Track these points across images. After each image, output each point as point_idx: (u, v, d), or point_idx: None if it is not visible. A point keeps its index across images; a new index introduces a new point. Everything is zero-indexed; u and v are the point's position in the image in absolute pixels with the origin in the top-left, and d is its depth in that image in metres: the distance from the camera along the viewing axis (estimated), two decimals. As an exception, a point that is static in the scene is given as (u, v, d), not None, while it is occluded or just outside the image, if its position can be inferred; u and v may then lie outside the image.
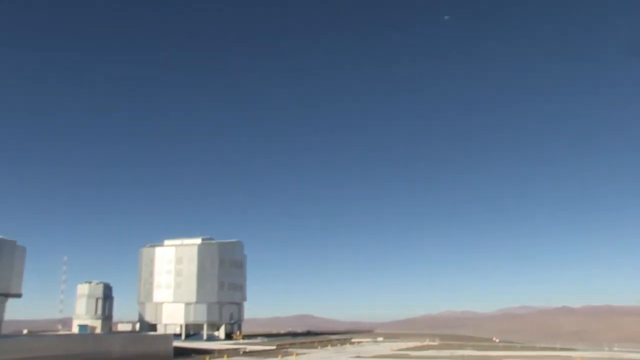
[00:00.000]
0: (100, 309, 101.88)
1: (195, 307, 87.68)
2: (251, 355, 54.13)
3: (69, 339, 52.29)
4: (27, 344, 44.36)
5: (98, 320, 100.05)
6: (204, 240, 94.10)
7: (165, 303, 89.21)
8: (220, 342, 78.42)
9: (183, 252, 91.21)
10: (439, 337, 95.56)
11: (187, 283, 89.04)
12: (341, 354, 56.46)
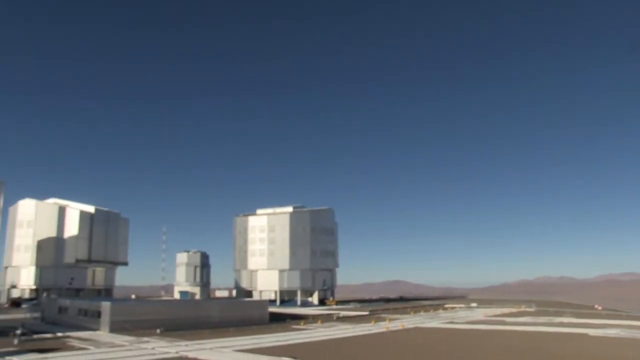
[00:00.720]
0: (199, 276, 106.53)
1: (289, 274, 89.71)
2: (344, 320, 54.96)
3: (172, 304, 55.21)
4: (137, 308, 47.29)
5: (197, 286, 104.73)
6: (295, 208, 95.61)
7: (260, 270, 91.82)
8: (314, 308, 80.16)
9: (275, 220, 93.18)
10: (535, 303, 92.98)
11: (280, 251, 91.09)
12: (434, 320, 56.33)
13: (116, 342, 33.45)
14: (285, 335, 38.09)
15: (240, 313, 50.00)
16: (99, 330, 40.18)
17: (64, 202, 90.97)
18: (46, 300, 54.39)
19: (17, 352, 28.39)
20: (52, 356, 26.00)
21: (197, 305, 55.80)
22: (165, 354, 27.50)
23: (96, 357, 26.76)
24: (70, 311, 46.52)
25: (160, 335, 37.33)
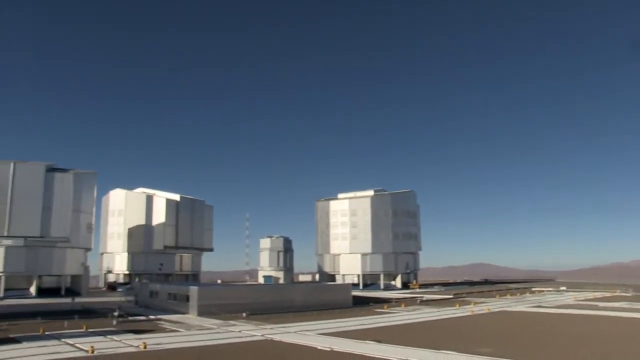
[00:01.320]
0: (282, 260, 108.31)
1: (371, 258, 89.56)
2: (428, 304, 54.38)
3: (257, 289, 56.37)
4: (223, 292, 48.65)
5: (280, 271, 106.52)
6: (377, 191, 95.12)
7: (342, 254, 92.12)
8: (397, 291, 79.80)
9: (357, 204, 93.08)
10: (632, 287, 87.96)
11: (362, 234, 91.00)
12: (521, 303, 54.73)
13: (204, 325, 34.52)
14: (368, 319, 38.07)
15: (324, 297, 50.43)
16: (188, 313, 41.58)
17: (151, 191, 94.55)
18: (138, 285, 56.84)
19: (116, 331, 29.95)
20: (147, 337, 27.12)
21: (281, 289, 56.74)
22: (252, 337, 28.10)
23: (187, 339, 27.70)
24: (161, 295, 48.39)
25: (246, 318, 38.21)
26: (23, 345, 24.57)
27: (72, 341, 25.38)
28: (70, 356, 21.47)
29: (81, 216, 67.38)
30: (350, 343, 24.66)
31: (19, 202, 61.51)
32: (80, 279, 67.71)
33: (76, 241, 65.96)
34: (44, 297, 58.80)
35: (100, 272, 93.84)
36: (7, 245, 61.27)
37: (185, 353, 22.27)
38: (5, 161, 63.40)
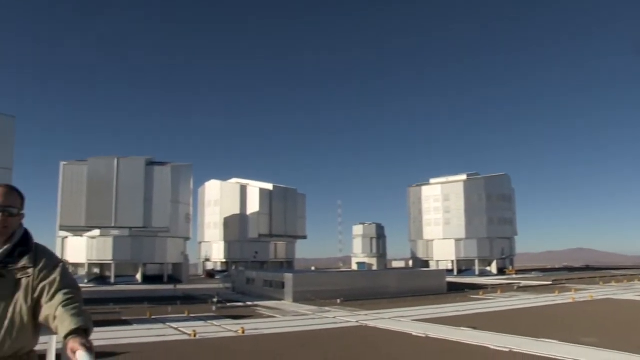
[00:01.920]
0: (375, 247, 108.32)
1: (465, 243, 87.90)
2: (526, 290, 52.61)
3: (351, 275, 56.77)
4: (318, 279, 49.28)
5: (374, 257, 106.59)
6: (469, 176, 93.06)
7: (436, 240, 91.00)
8: (493, 278, 77.79)
9: (449, 189, 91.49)
10: None
11: (455, 220, 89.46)
12: (629, 291, 51.63)
13: (300, 311, 35.14)
14: (463, 305, 37.37)
15: (418, 283, 50.00)
16: (283, 300, 42.45)
17: (245, 181, 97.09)
18: (235, 272, 58.56)
19: (215, 317, 31.06)
20: (245, 322, 27.92)
21: (374, 275, 56.78)
22: (347, 323, 28.31)
23: (284, 324, 28.31)
24: (257, 282, 49.66)
25: (340, 305, 38.53)
26: (134, 327, 26.04)
27: (176, 325, 26.57)
28: (175, 339, 22.48)
29: (179, 207, 70.30)
30: (446, 329, 24.33)
31: (123, 195, 65.04)
32: (180, 267, 70.76)
33: (176, 231, 68.93)
34: (148, 283, 61.96)
35: (199, 260, 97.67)
36: (114, 235, 65.08)
37: (283, 338, 22.78)
38: (110, 157, 67.12)
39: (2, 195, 3.25)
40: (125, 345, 19.69)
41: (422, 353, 18.66)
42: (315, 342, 21.54)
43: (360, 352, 18.89)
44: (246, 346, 20.31)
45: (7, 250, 3.21)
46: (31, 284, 3.15)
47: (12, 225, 3.27)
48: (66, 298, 3.05)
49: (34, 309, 3.12)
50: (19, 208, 3.32)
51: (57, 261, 3.32)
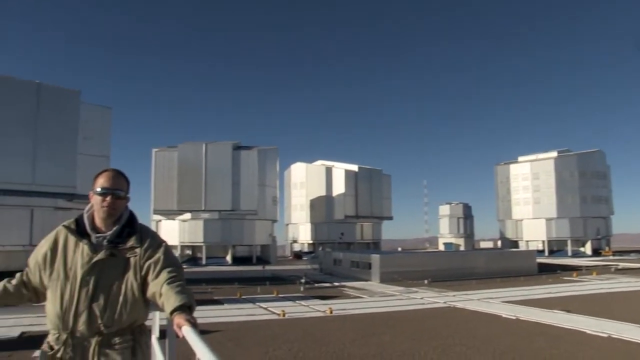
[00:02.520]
0: (462, 227, 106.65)
1: (557, 223, 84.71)
2: (625, 272, 50.03)
3: (437, 256, 56.15)
4: (404, 259, 49.12)
5: (461, 238, 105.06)
6: (560, 152, 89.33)
7: (525, 220, 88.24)
8: (587, 259, 74.71)
9: (539, 167, 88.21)
10: None
11: (546, 198, 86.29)
12: None
13: (387, 291, 35.19)
14: (555, 287, 36.12)
15: (507, 264, 48.84)
16: (370, 280, 42.63)
17: (330, 163, 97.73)
18: (322, 254, 59.30)
19: (303, 297, 31.66)
20: (332, 302, 28.29)
21: (462, 256, 55.94)
22: (434, 304, 28.12)
23: (371, 304, 28.47)
24: (344, 263, 50.08)
25: (427, 285, 38.29)
26: (225, 307, 26.99)
27: (265, 305, 27.29)
28: (265, 318, 23.11)
29: (266, 190, 71.73)
30: (537, 312, 23.67)
31: (212, 179, 67.09)
32: (268, 248, 72.36)
33: (263, 213, 70.43)
34: (238, 264, 63.81)
35: (286, 242, 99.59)
36: (205, 218, 67.37)
37: (370, 318, 22.91)
38: (198, 142, 69.31)
39: (111, 178, 3.51)
40: (217, 324, 20.46)
41: (513, 335, 18.28)
42: (403, 322, 21.54)
43: (449, 333, 18.73)
44: (334, 326, 20.61)
45: (116, 231, 3.48)
46: (138, 263, 3.39)
47: (119, 207, 3.51)
48: (170, 276, 3.27)
49: (142, 286, 3.37)
50: (125, 191, 3.56)
51: (160, 241, 3.55)
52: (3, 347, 16.04)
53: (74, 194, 41.51)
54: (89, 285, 3.28)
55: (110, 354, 3.25)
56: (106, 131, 45.78)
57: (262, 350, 15.52)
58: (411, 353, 15.30)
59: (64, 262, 3.40)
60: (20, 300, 3.72)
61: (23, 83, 41.11)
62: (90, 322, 3.24)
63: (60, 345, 3.27)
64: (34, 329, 18.59)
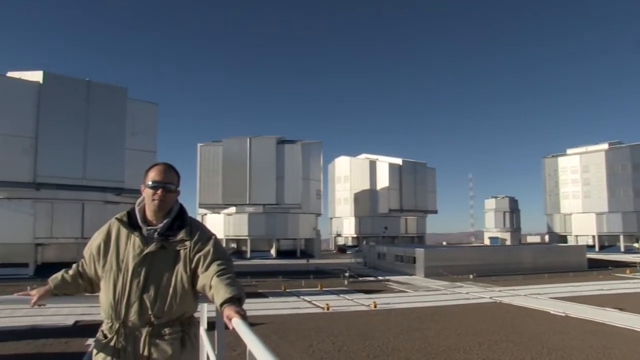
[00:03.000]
0: (508, 221, 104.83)
1: (608, 217, 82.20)
2: (685, 269, 48.39)
3: (483, 250, 55.40)
4: (449, 254, 48.58)
5: (507, 232, 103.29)
6: (612, 144, 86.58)
7: (574, 214, 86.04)
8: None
9: (588, 159, 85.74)
10: None
11: (596, 192, 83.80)
12: None
13: (431, 286, 34.90)
14: (607, 284, 35.09)
15: (555, 259, 47.80)
16: (414, 274, 42.35)
17: (374, 156, 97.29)
18: (366, 247, 59.15)
19: (347, 291, 31.68)
20: (376, 296, 28.22)
21: (508, 251, 55.00)
22: (480, 299, 27.74)
23: (415, 299, 28.29)
24: (388, 257, 49.88)
25: (472, 280, 37.82)
26: (269, 300, 27.21)
27: (309, 298, 27.41)
28: (309, 311, 23.21)
29: (310, 183, 71.89)
30: (587, 309, 23.06)
31: (256, 173, 67.62)
32: (312, 242, 72.57)
33: (307, 207, 70.64)
34: (282, 258, 64.23)
35: (330, 236, 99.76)
36: (249, 212, 68.00)
37: (414, 312, 22.76)
38: (242, 137, 69.92)
39: (162, 172, 3.60)
40: (262, 317, 20.66)
41: (563, 333, 17.87)
42: (448, 317, 21.34)
43: (495, 329, 18.45)
44: (378, 320, 20.55)
45: (166, 224, 3.56)
46: (188, 255, 3.45)
47: (169, 200, 3.60)
48: (220, 269, 3.32)
49: (191, 278, 3.43)
50: (176, 185, 3.64)
51: (210, 234, 3.63)
52: (60, 334, 16.58)
53: (122, 188, 42.57)
54: (140, 276, 3.37)
55: (160, 344, 3.33)
56: (153, 127, 46.63)
57: (306, 344, 15.58)
58: (456, 348, 15.13)
59: (117, 254, 3.49)
60: (77, 290, 3.85)
61: (74, 81, 42.31)
62: (141, 312, 3.33)
63: (113, 334, 3.39)
64: (87, 318, 19.22)
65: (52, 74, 41.36)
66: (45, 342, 15.54)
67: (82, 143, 41.08)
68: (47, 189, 39.73)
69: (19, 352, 14.04)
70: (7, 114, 38.85)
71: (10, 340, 14.79)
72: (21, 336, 15.92)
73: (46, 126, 39.82)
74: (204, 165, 69.65)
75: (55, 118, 40.08)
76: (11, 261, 40.14)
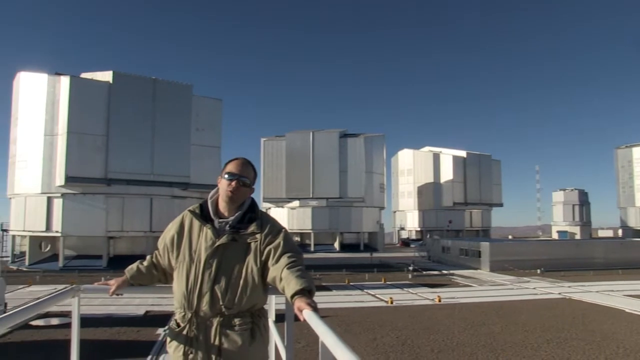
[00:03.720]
0: (577, 215, 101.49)
1: (686, 211, 78.68)
2: None
3: (551, 245, 53.95)
4: (515, 248, 47.50)
5: (576, 226, 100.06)
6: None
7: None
8: None
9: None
10: None
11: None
12: None
13: (497, 280, 34.29)
14: (688, 281, 33.43)
15: (629, 255, 45.90)
16: (480, 269, 41.72)
17: (437, 149, 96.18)
18: (431, 241, 58.63)
19: (411, 285, 31.51)
20: (440, 290, 27.98)
21: (578, 245, 53.21)
22: (548, 295, 27.04)
23: (480, 293, 27.89)
24: (452, 251, 49.29)
25: (540, 275, 36.92)
26: (333, 293, 27.40)
27: (373, 292, 27.42)
28: (373, 305, 23.24)
29: (373, 177, 71.75)
30: (666, 308, 22.08)
31: (319, 167, 68.04)
32: (376, 235, 72.49)
33: (370, 201, 70.58)
34: (345, 251, 64.51)
35: (393, 229, 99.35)
36: (313, 206, 68.53)
37: (480, 307, 22.45)
38: (305, 131, 70.44)
39: (239, 165, 3.70)
40: (326, 310, 20.84)
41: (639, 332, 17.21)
42: (514, 313, 20.94)
43: (565, 326, 17.96)
44: (442, 314, 20.39)
45: (238, 216, 3.67)
46: (259, 248, 3.54)
47: (243, 194, 3.69)
48: (290, 261, 3.39)
49: (262, 270, 3.52)
50: (251, 180, 3.73)
51: (280, 227, 3.69)
52: (132, 323, 17.31)
53: (188, 183, 43.69)
54: (212, 268, 3.48)
55: (231, 335, 3.44)
56: (217, 122, 47.60)
57: (370, 337, 15.66)
58: (523, 345, 14.84)
59: (189, 245, 3.62)
60: (151, 281, 4.05)
61: (141, 80, 43.76)
62: (212, 303, 3.45)
63: (186, 323, 3.52)
64: (156, 309, 19.94)
65: (121, 74, 42.94)
66: (119, 329, 16.27)
67: (150, 140, 42.49)
68: (117, 184, 41.39)
69: (97, 338, 14.75)
70: (81, 114, 40.69)
71: (89, 327, 15.53)
72: (98, 323, 16.68)
73: (116, 124, 41.46)
74: (268, 160, 70.60)
75: (124, 116, 41.68)
76: (87, 253, 42.09)
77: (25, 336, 15.05)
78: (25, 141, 42.09)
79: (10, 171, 43.83)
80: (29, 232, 42.05)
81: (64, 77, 41.53)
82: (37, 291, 26.39)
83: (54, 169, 40.54)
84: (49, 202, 40.90)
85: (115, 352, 13.42)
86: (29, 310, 3.29)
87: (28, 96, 42.57)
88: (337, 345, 2.19)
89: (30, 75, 43.22)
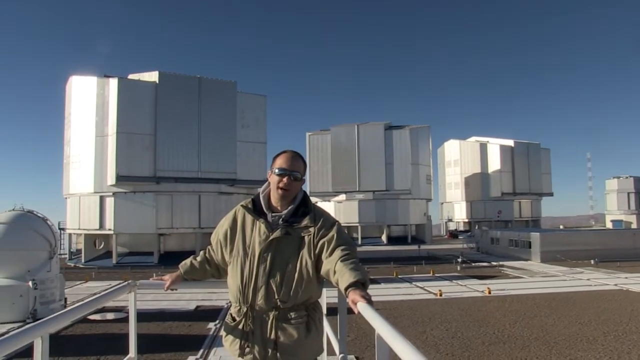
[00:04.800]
0: (633, 203, 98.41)
1: None
2: None
3: (605, 234, 52.45)
4: (567, 238, 46.44)
5: (632, 215, 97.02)
6: None
7: None
8: None
9: None
10: None
11: None
12: None
13: (548, 271, 33.63)
14: None
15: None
16: (530, 260, 40.99)
17: (484, 139, 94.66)
18: (479, 232, 57.86)
19: (460, 277, 31.23)
20: (490, 282, 27.65)
21: (634, 234, 51.61)
22: (603, 286, 26.34)
23: (532, 285, 27.41)
24: (501, 242, 48.54)
25: (594, 266, 36.00)
26: (382, 286, 27.39)
27: (422, 284, 27.28)
28: (422, 297, 23.14)
29: (419, 169, 71.18)
30: None
31: (365, 160, 67.91)
32: (423, 227, 71.95)
33: (417, 192, 70.04)
34: (393, 244, 64.28)
35: (441, 221, 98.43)
36: (359, 199, 68.48)
37: (531, 299, 22.06)
38: (350, 124, 70.40)
39: (289, 159, 3.71)
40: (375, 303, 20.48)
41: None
42: (568, 305, 20.50)
43: (622, 319, 17.43)
44: (493, 306, 20.14)
45: (291, 210, 3.70)
46: (312, 241, 3.56)
47: (295, 188, 3.72)
48: (344, 254, 3.39)
49: (316, 264, 3.55)
50: (302, 173, 3.75)
51: (333, 220, 3.72)
52: (183, 318, 17.69)
53: (235, 179, 44.22)
54: (266, 262, 3.52)
55: (287, 328, 3.48)
56: (262, 118, 47.97)
57: (419, 330, 15.61)
58: (578, 338, 14.50)
59: (243, 240, 3.67)
60: (204, 276, 4.16)
61: (186, 79, 44.48)
62: (268, 296, 3.49)
63: (242, 317, 3.58)
64: (207, 304, 20.33)
65: (166, 74, 43.75)
66: (171, 324, 16.65)
67: (196, 137, 43.20)
68: (166, 182, 42.25)
69: (150, 332, 15.15)
70: (129, 114, 41.66)
71: (143, 321, 15.95)
72: (151, 318, 17.12)
73: (163, 123, 42.30)
74: (313, 154, 70.80)
75: (171, 115, 42.49)
76: (138, 250, 43.17)
77: (85, 329, 15.67)
78: (77, 142, 43.44)
79: (65, 172, 45.34)
80: (84, 231, 43.44)
81: (112, 79, 42.60)
82: (93, 287, 27.23)
83: (105, 168, 41.68)
84: (101, 201, 42.13)
85: (169, 345, 13.74)
86: (90, 304, 3.49)
87: (79, 99, 43.91)
88: (394, 337, 2.21)
89: (81, 78, 44.52)
